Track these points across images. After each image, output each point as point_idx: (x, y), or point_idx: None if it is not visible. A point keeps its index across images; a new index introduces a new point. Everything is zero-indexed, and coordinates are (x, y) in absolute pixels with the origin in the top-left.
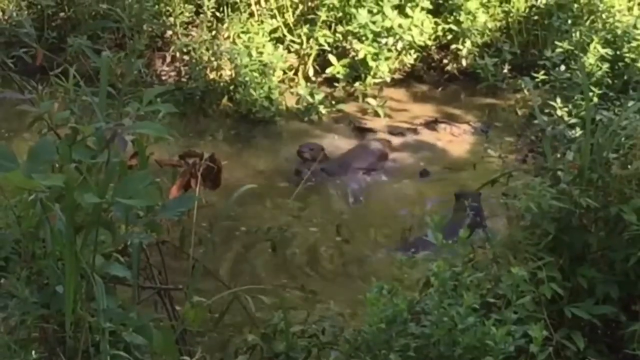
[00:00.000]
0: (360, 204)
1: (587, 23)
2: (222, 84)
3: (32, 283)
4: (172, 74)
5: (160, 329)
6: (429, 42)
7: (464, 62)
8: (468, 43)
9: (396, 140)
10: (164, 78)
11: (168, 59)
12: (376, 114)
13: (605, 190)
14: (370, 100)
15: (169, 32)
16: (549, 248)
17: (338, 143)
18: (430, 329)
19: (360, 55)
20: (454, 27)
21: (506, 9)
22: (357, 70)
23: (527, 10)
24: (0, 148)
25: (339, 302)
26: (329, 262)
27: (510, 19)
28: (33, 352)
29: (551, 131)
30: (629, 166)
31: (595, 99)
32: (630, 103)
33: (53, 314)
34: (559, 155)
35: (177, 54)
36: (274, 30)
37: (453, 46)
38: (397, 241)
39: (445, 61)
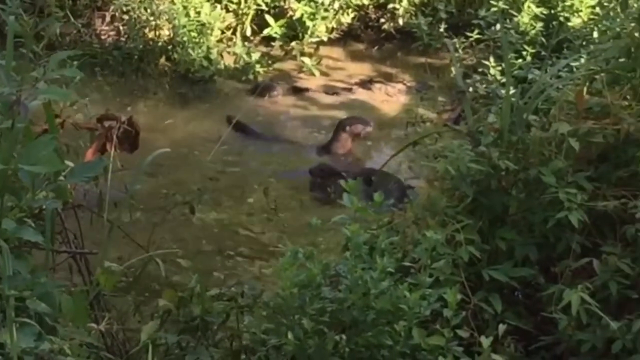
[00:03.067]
0: (288, 166)
1: None
2: (160, 43)
3: None
4: (112, 33)
5: (72, 294)
6: (366, 1)
7: (400, 21)
8: (405, 2)
9: (331, 99)
10: (103, 37)
11: (108, 19)
12: (312, 73)
13: (525, 152)
14: (305, 59)
15: None
16: (468, 210)
17: (275, 100)
18: (344, 294)
19: (297, 15)
20: None
21: None
22: (295, 29)
23: None
24: None
25: (260, 265)
26: (251, 226)
27: None
28: None
29: (471, 93)
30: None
31: (529, 58)
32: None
33: None
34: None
35: (117, 14)
36: None
37: (390, 5)
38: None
39: (382, 20)
